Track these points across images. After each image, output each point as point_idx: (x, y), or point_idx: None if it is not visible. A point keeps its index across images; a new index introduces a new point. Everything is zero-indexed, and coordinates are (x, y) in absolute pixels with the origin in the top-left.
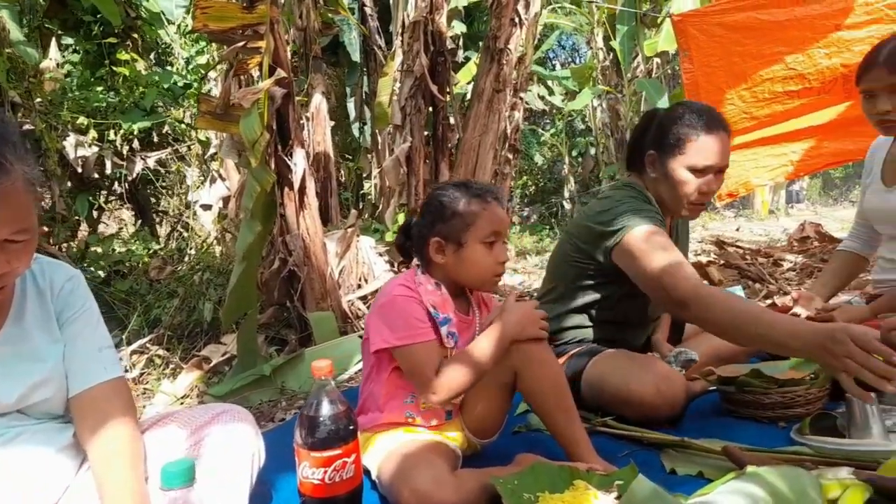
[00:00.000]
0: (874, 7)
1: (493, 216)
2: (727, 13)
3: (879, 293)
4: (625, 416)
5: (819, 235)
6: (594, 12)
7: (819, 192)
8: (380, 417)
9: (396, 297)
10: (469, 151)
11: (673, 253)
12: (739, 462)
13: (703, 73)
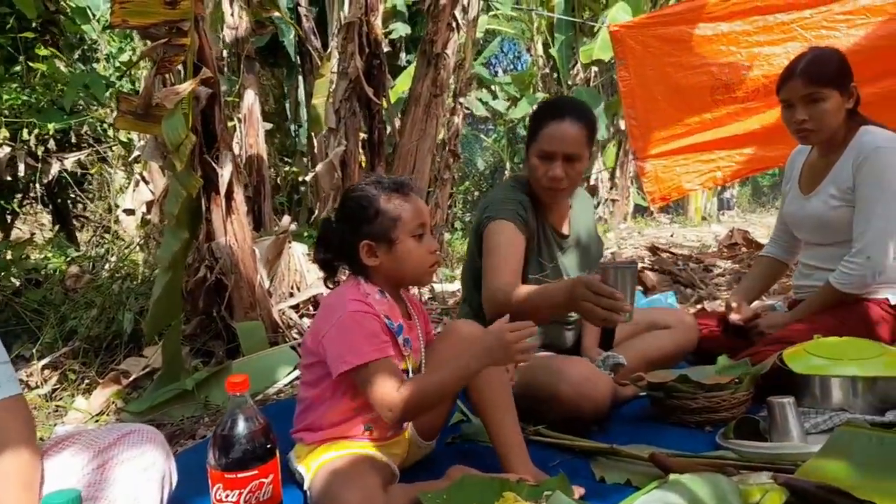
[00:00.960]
0: (789, 26)
1: (417, 208)
2: (660, 26)
3: (800, 298)
4: (553, 419)
5: (746, 242)
6: (534, 20)
7: (748, 200)
8: (331, 431)
9: (353, 315)
10: (406, 156)
11: (502, 255)
12: (666, 468)
13: (638, 81)
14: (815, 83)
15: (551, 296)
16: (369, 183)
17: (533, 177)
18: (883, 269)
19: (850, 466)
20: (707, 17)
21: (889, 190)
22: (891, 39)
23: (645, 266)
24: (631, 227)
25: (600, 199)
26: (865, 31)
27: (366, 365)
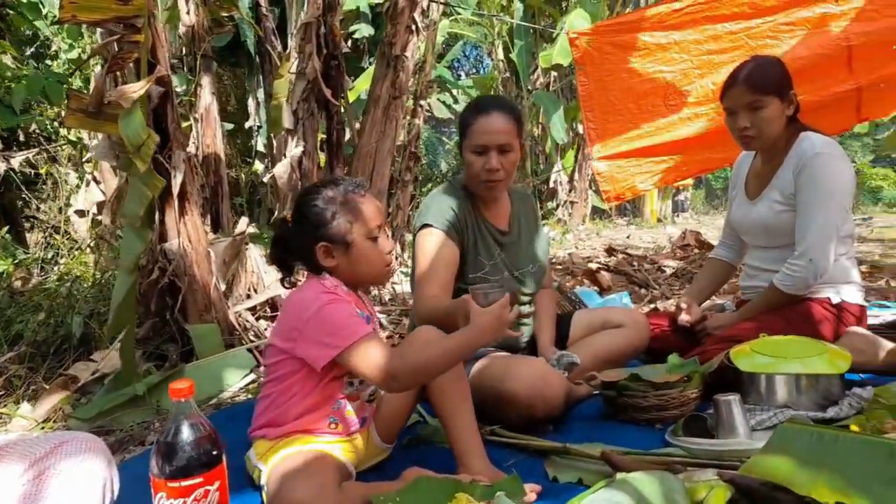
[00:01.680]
0: (737, 35)
1: (372, 209)
2: (616, 33)
3: (747, 299)
4: (507, 419)
5: (698, 243)
6: (495, 25)
7: (702, 202)
8: (295, 424)
9: (325, 305)
10: (365, 157)
11: (429, 266)
12: (616, 467)
13: (596, 86)
14: (757, 91)
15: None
16: (326, 184)
17: (470, 173)
18: (824, 271)
19: (791, 462)
20: (660, 26)
21: (828, 194)
22: (827, 49)
23: (600, 266)
24: (589, 229)
25: (559, 202)
26: (806, 41)
27: (355, 344)
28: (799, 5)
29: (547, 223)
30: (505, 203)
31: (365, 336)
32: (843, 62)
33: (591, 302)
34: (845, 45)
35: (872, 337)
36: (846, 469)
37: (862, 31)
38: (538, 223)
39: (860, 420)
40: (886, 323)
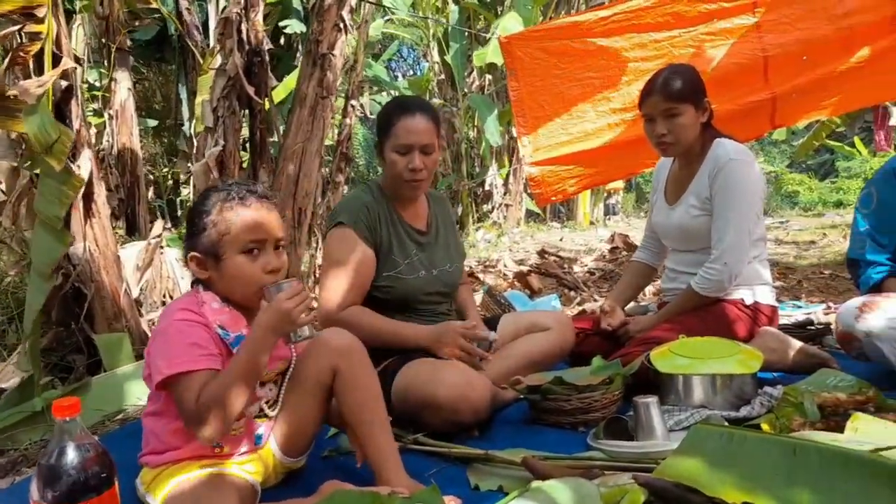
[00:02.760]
0: (662, 44)
1: (251, 222)
2: (546, 39)
3: (668, 301)
4: (433, 425)
5: (626, 245)
6: (429, 26)
7: (633, 205)
8: (176, 453)
9: (176, 323)
10: (291, 158)
11: (340, 267)
12: (537, 473)
13: (527, 91)
14: (672, 99)
15: (404, 336)
16: (214, 189)
17: (393, 172)
18: (738, 273)
19: (702, 463)
20: (589, 33)
21: (742, 199)
22: (745, 59)
23: (530, 269)
24: (524, 232)
25: (495, 204)
26: (724, 50)
27: (179, 376)
28: (719, 17)
29: (482, 226)
30: (423, 204)
31: (194, 372)
32: (760, 72)
33: (520, 305)
34: (762, 55)
35: (783, 336)
36: (753, 468)
37: (777, 43)
38: (454, 226)
39: (770, 418)
40: (797, 322)
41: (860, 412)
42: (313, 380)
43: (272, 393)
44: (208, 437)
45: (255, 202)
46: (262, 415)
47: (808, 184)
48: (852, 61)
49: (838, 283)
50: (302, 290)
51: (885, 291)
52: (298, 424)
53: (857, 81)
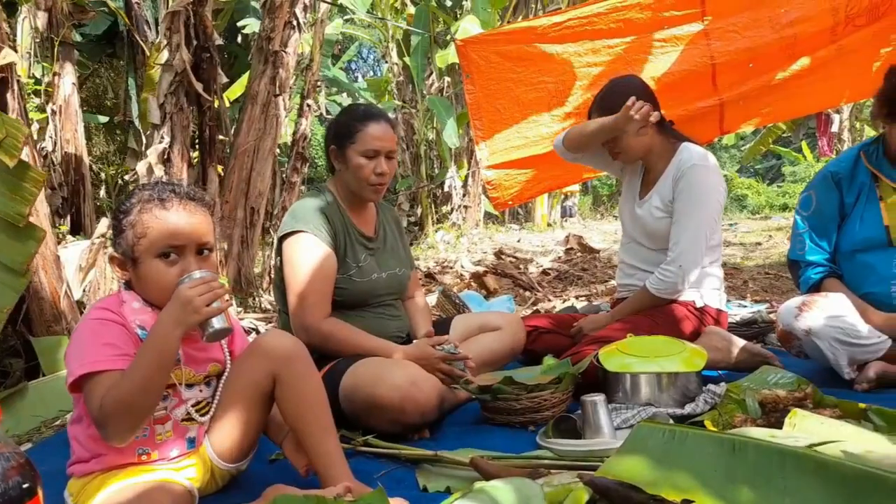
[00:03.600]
0: (615, 50)
1: (169, 225)
2: (501, 43)
3: (622, 296)
4: (381, 427)
5: (581, 246)
6: (388, 28)
7: (589, 208)
8: (101, 461)
9: (88, 322)
10: (243, 157)
11: (312, 275)
12: (485, 473)
13: (483, 94)
14: (609, 114)
15: (384, 354)
16: (142, 188)
17: (359, 176)
18: (693, 276)
19: (644, 461)
20: (543, 38)
21: (701, 205)
22: (695, 65)
23: (486, 270)
24: (483, 233)
25: (454, 206)
26: (675, 57)
27: (88, 377)
28: (670, 24)
29: (441, 227)
30: (372, 211)
31: (104, 372)
32: (708, 78)
33: (475, 305)
34: (710, 62)
35: (728, 335)
36: (694, 466)
37: (725, 50)
38: (402, 232)
39: (713, 415)
40: (742, 321)
41: (798, 408)
42: (251, 385)
43: (203, 395)
44: (116, 440)
45: (176, 204)
46: (189, 419)
47: (757, 188)
48: (795, 69)
49: (782, 283)
50: (211, 280)
51: (823, 291)
52: (235, 429)
53: (800, 89)
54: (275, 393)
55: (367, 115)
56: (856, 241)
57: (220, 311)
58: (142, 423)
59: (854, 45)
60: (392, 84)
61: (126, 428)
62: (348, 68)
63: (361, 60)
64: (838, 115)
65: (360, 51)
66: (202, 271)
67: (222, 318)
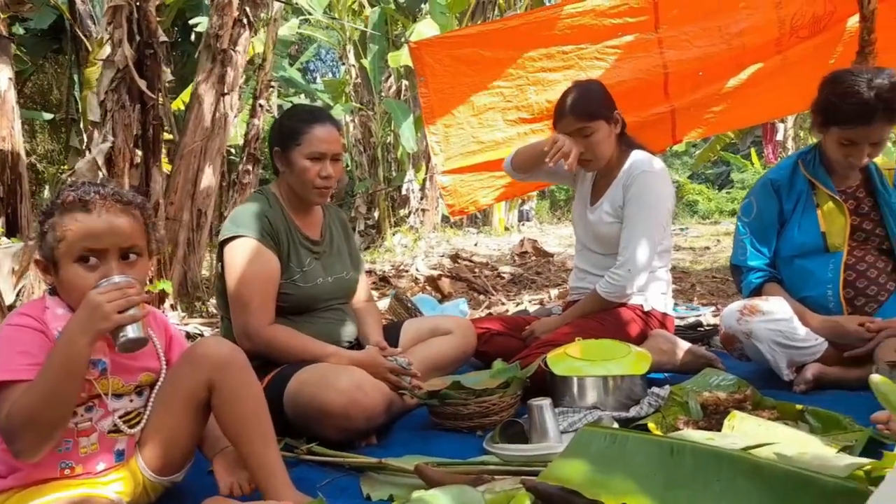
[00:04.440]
0: (569, 56)
1: (88, 227)
2: (455, 46)
3: (574, 300)
4: (326, 433)
5: (536, 250)
6: (346, 29)
7: (547, 212)
8: (19, 476)
9: (6, 328)
10: (189, 157)
11: (255, 282)
12: (428, 480)
13: (437, 97)
14: (584, 119)
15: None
16: (69, 188)
17: (304, 179)
18: (641, 281)
19: (585, 466)
20: (497, 43)
21: (650, 210)
22: (647, 73)
23: (441, 273)
24: (440, 237)
25: (411, 209)
26: (629, 64)
27: (5, 384)
28: (623, 32)
29: (399, 230)
30: (318, 214)
31: (16, 382)
32: (661, 86)
33: (428, 309)
34: (663, 71)
35: (673, 338)
36: (633, 470)
37: (677, 59)
38: (350, 236)
39: (657, 417)
40: (688, 324)
41: (738, 410)
42: (186, 394)
43: (134, 405)
44: (25, 455)
45: (98, 205)
46: (117, 430)
47: (707, 194)
48: (743, 78)
49: (728, 286)
50: (127, 286)
51: (764, 295)
52: (168, 441)
53: (749, 99)
54: (211, 402)
55: (312, 116)
56: (794, 247)
57: (135, 320)
58: (52, 437)
59: (798, 56)
60: (349, 86)
61: (34, 442)
62: (306, 69)
63: (320, 62)
64: (783, 125)
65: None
66: (122, 276)
67: (138, 327)
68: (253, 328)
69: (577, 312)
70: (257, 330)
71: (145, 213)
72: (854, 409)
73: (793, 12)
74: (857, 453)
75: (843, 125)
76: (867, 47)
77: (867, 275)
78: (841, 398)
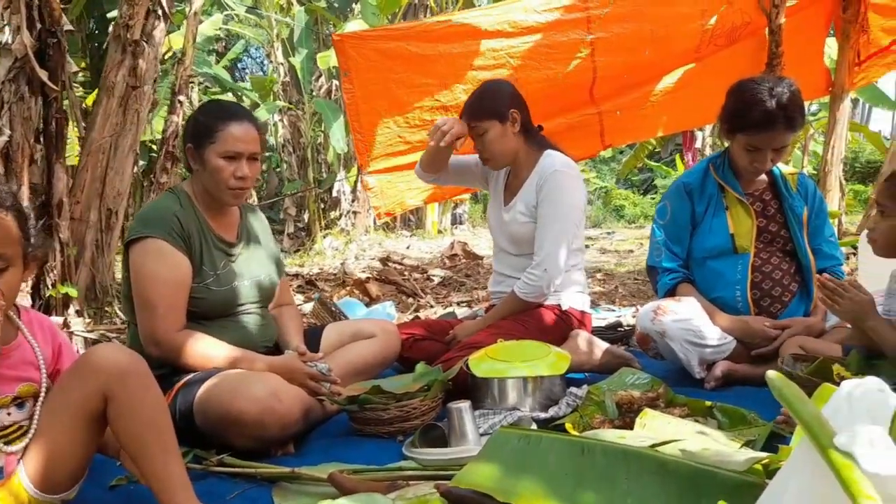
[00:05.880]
0: (500, 53)
1: None
2: (382, 40)
3: (495, 303)
4: (240, 444)
5: (466, 253)
6: (273, 26)
7: (480, 215)
8: None
9: None
10: (97, 153)
11: (164, 285)
12: (342, 488)
13: (362, 94)
14: (474, 118)
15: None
16: None
17: (217, 178)
18: (557, 280)
19: (498, 468)
20: (426, 38)
21: (563, 210)
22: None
23: (369, 277)
24: (372, 239)
25: (342, 212)
26: (560, 65)
27: None
28: (554, 30)
29: (330, 233)
30: (234, 214)
31: None
32: (587, 88)
33: (354, 312)
34: (592, 72)
35: (592, 338)
36: (546, 471)
37: (605, 61)
38: (270, 237)
39: (574, 417)
40: (608, 325)
41: (651, 408)
42: (78, 405)
43: (14, 419)
44: None
45: None
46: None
47: (633, 199)
48: (667, 85)
49: (649, 288)
50: None
51: (678, 296)
52: (57, 456)
53: (671, 105)
54: (107, 414)
55: (228, 113)
56: (706, 249)
57: None
58: None
59: (714, 64)
60: (278, 84)
61: None
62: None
63: (251, 60)
64: (702, 133)
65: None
66: None
67: None
68: (161, 334)
69: (498, 315)
70: (165, 336)
71: (20, 218)
72: (760, 405)
73: (714, 21)
74: (759, 447)
75: (748, 132)
76: (775, 59)
77: (772, 276)
78: (748, 394)
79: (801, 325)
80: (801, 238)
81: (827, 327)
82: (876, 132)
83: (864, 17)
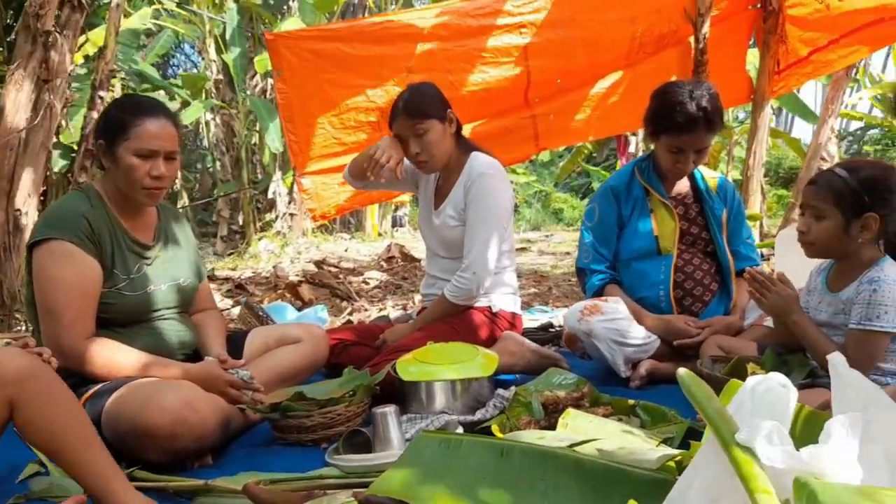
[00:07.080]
0: (436, 57)
1: None
2: (316, 40)
3: (426, 307)
4: (152, 457)
5: (403, 256)
6: (205, 22)
7: None
8: None
9: None
10: (4, 150)
11: (70, 290)
12: (258, 500)
13: (296, 95)
14: (417, 118)
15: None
16: None
17: (132, 177)
18: (486, 282)
19: (417, 474)
20: (361, 38)
21: (490, 212)
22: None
23: (301, 280)
24: (310, 242)
25: (279, 213)
26: (495, 70)
27: None
28: (488, 33)
29: (265, 236)
30: (151, 215)
31: None
32: (522, 92)
33: (283, 316)
34: (525, 76)
35: (521, 339)
36: (464, 474)
37: (539, 65)
38: (188, 239)
39: (501, 419)
40: (540, 325)
41: (575, 408)
42: None
43: None
44: None
45: None
46: None
47: (571, 202)
48: (599, 90)
49: None
50: None
51: (605, 296)
52: None
53: (603, 110)
54: (14, 422)
55: (143, 108)
56: (631, 250)
57: None
58: None
59: (643, 71)
60: (210, 82)
61: None
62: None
63: (183, 57)
64: (635, 137)
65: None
66: None
67: None
68: (67, 343)
69: (428, 318)
70: (72, 345)
71: None
72: (681, 403)
73: (643, 28)
74: (677, 444)
75: (671, 134)
76: (700, 67)
77: (694, 276)
78: (671, 392)
79: (720, 324)
80: (720, 240)
81: (745, 325)
82: (797, 139)
83: (783, 29)
